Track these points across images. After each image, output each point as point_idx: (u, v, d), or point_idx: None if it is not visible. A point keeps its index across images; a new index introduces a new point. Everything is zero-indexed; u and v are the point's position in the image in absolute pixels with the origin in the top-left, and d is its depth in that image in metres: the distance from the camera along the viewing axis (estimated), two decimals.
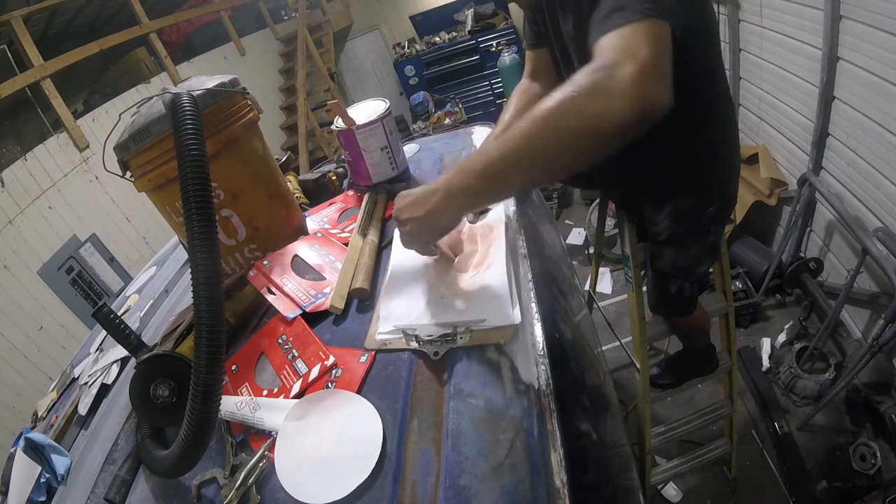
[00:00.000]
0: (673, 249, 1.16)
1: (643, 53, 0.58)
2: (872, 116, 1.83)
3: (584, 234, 3.74)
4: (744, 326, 2.60)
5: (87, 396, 0.95)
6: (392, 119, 1.18)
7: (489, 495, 0.52)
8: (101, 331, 1.21)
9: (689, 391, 1.94)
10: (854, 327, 2.25)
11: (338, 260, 0.95)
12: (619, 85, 0.57)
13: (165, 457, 0.64)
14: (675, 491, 2.03)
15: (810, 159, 2.27)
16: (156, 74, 4.62)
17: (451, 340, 0.69)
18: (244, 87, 0.99)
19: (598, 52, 0.62)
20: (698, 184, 1.04)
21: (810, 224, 2.48)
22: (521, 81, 1.15)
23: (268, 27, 6.48)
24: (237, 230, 0.99)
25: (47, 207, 3.39)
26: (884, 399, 1.88)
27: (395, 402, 0.65)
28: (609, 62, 0.59)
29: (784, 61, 2.38)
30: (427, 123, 5.90)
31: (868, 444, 1.80)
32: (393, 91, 7.15)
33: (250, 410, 0.70)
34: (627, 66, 0.58)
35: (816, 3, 1.96)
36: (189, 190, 0.68)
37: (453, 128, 1.57)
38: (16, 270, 3.13)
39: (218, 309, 0.64)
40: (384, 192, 1.16)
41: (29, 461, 0.79)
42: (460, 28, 6.58)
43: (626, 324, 1.57)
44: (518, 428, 0.57)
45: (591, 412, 0.82)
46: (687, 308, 1.36)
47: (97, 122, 3.85)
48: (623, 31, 0.61)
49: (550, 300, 0.86)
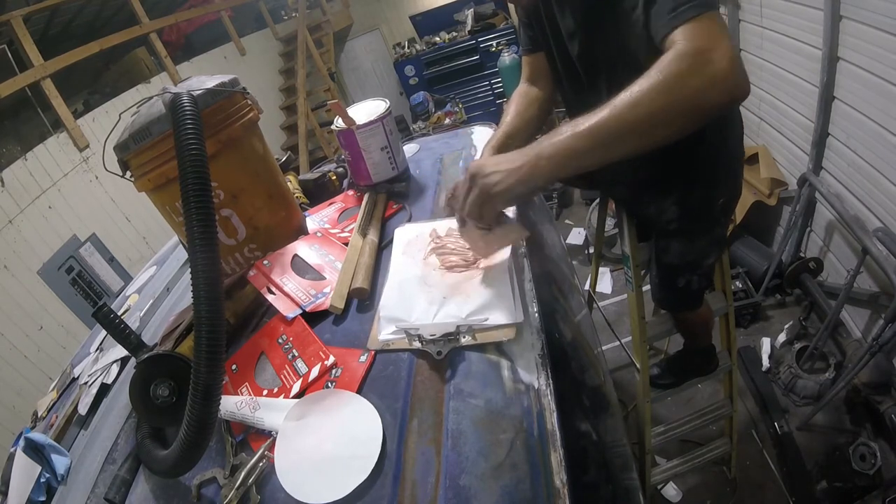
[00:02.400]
0: (681, 242, 1.17)
1: (727, 42, 0.65)
2: (872, 116, 1.83)
3: (584, 234, 3.74)
4: (744, 326, 2.60)
5: (87, 396, 0.95)
6: (392, 119, 1.18)
7: (489, 495, 0.52)
8: (101, 331, 1.21)
9: (689, 391, 1.94)
10: (854, 327, 2.25)
11: (338, 260, 0.95)
12: (720, 69, 0.63)
13: (165, 457, 0.64)
14: (675, 491, 2.03)
15: (810, 159, 2.27)
16: (156, 74, 4.62)
17: (454, 340, 0.69)
18: (244, 87, 0.99)
19: (680, 39, 0.66)
20: (709, 175, 1.05)
21: (810, 224, 2.48)
22: (519, 86, 1.16)
23: (268, 27, 6.48)
24: (237, 230, 0.99)
25: (47, 207, 3.39)
26: (884, 399, 1.88)
27: (395, 402, 0.65)
28: (701, 47, 0.64)
29: (784, 61, 2.38)
30: (427, 123, 5.90)
31: (868, 444, 1.80)
32: (393, 91, 7.15)
33: (250, 410, 0.70)
34: (721, 52, 0.63)
35: (816, 3, 1.96)
36: (189, 190, 0.68)
37: (453, 128, 1.58)
38: (16, 270, 3.13)
39: (218, 309, 0.64)
40: (384, 192, 1.16)
41: (29, 461, 0.79)
42: (460, 28, 6.58)
43: (626, 324, 1.57)
44: (518, 428, 0.57)
45: (591, 412, 0.82)
46: (695, 301, 1.36)
47: (97, 122, 3.86)
48: (700, 22, 0.66)
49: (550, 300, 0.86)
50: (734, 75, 0.64)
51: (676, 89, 0.64)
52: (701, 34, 0.65)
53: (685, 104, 0.65)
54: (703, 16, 0.66)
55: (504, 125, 1.09)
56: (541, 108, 1.11)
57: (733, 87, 0.65)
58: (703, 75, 0.63)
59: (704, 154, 1.02)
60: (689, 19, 0.66)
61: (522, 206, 1.00)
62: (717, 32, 0.66)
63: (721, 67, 0.63)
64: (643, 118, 0.65)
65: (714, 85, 0.64)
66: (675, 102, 0.65)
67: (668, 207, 1.11)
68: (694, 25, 0.66)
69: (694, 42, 0.65)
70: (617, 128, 0.66)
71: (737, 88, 0.65)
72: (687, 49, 0.65)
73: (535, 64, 1.12)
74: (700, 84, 0.64)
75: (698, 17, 0.66)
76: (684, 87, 0.64)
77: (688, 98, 0.64)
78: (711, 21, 0.66)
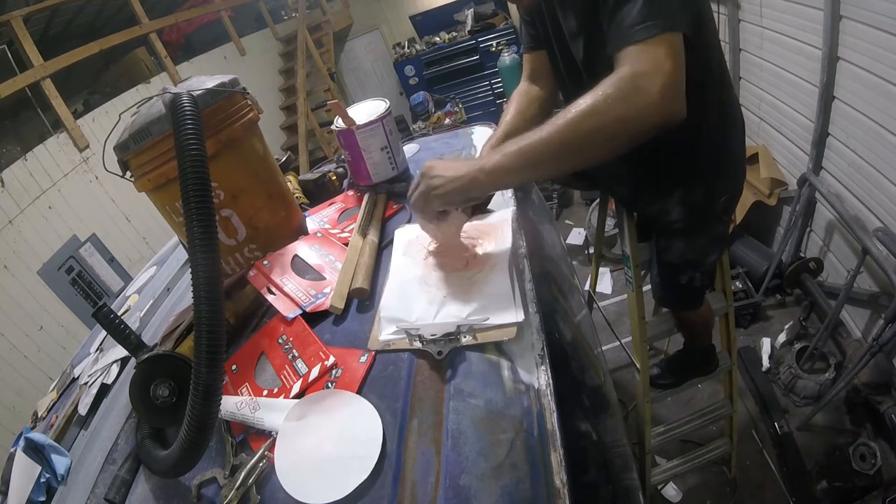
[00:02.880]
0: (683, 241, 1.17)
1: (667, 68, 0.66)
2: (872, 116, 1.83)
3: (584, 234, 3.73)
4: (744, 326, 2.60)
5: (87, 396, 0.95)
6: (392, 119, 1.18)
7: (489, 495, 0.52)
8: (101, 331, 1.21)
9: (689, 391, 1.94)
10: (854, 327, 2.25)
11: (338, 260, 0.95)
12: (647, 97, 0.65)
13: (165, 457, 0.64)
14: (675, 491, 2.03)
15: (810, 159, 2.27)
16: (156, 74, 4.61)
17: (454, 340, 0.69)
18: (244, 87, 0.99)
19: (625, 60, 0.68)
20: (709, 174, 1.05)
21: (810, 224, 2.48)
22: (520, 84, 1.16)
23: (268, 27, 6.48)
24: (237, 230, 0.99)
25: (47, 207, 3.39)
26: (884, 399, 1.88)
27: (395, 402, 0.65)
28: (638, 72, 0.66)
29: (784, 61, 2.38)
30: (427, 123, 5.90)
31: (868, 444, 1.79)
32: (393, 91, 7.15)
33: (250, 410, 0.70)
34: (655, 79, 0.65)
35: (816, 3, 1.96)
36: (189, 190, 0.68)
37: (453, 128, 1.58)
38: (16, 270, 3.13)
39: (218, 309, 0.64)
40: (384, 192, 1.16)
41: (29, 461, 0.78)
42: (460, 28, 6.57)
43: (626, 324, 1.57)
44: (518, 428, 0.57)
45: (591, 412, 0.82)
46: (696, 300, 1.37)
47: (97, 122, 3.85)
48: (647, 45, 0.67)
49: (550, 300, 0.86)
50: (662, 104, 0.65)
51: (603, 113, 0.66)
52: (643, 58, 0.67)
53: (610, 130, 0.67)
54: (655, 38, 0.67)
55: (504, 124, 1.08)
56: (541, 106, 1.11)
57: (660, 115, 0.66)
58: (630, 103, 0.65)
59: (705, 153, 1.02)
60: (640, 40, 0.67)
61: (521, 204, 1.00)
62: (662, 58, 0.66)
63: (650, 94, 0.65)
64: (570, 141, 0.68)
65: (640, 113, 0.66)
66: (600, 127, 0.67)
67: (670, 207, 1.11)
68: (641, 48, 0.67)
69: (633, 66, 0.67)
70: (544, 150, 0.70)
71: (664, 116, 0.66)
72: (623, 73, 0.67)
73: (537, 62, 1.12)
74: (625, 112, 0.66)
75: (649, 39, 0.67)
76: (609, 113, 0.66)
77: (612, 124, 0.67)
78: (661, 44, 0.67)
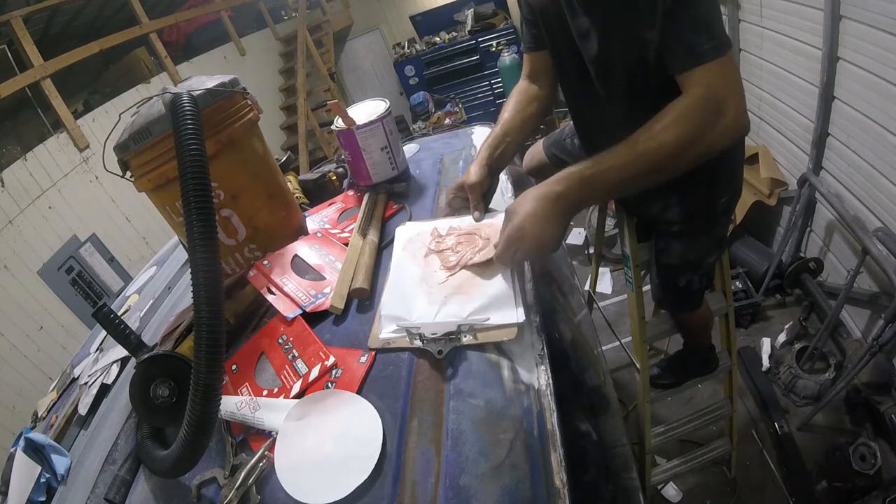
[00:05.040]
0: (682, 243, 1.17)
1: (739, 90, 0.73)
2: (872, 116, 1.83)
3: (584, 234, 3.73)
4: (744, 326, 2.60)
5: (87, 396, 0.95)
6: (392, 119, 1.18)
7: (489, 495, 0.52)
8: (101, 331, 1.21)
9: (689, 391, 1.94)
10: (854, 327, 2.25)
11: (338, 260, 0.95)
12: (730, 120, 0.72)
13: (165, 457, 0.64)
14: (675, 491, 2.03)
15: (810, 159, 2.27)
16: (156, 74, 4.61)
17: (454, 339, 0.69)
18: (244, 87, 0.99)
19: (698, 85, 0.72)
20: (710, 175, 1.05)
21: (810, 224, 2.48)
22: (519, 82, 1.15)
23: (268, 27, 6.47)
24: (237, 230, 0.99)
25: (47, 207, 3.39)
26: (884, 399, 1.88)
27: (395, 402, 0.65)
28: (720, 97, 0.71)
29: (784, 61, 2.38)
30: (427, 123, 5.90)
31: (868, 444, 1.79)
32: (393, 91, 7.15)
33: (250, 410, 0.70)
34: (732, 104, 0.71)
35: (816, 3, 1.96)
36: (189, 190, 0.68)
37: (453, 128, 1.58)
38: (16, 270, 3.13)
39: (218, 309, 0.64)
40: (384, 192, 1.16)
41: (29, 461, 0.78)
42: (460, 28, 6.57)
43: (626, 324, 1.57)
44: (518, 428, 0.57)
45: (591, 412, 0.82)
46: (695, 302, 1.36)
47: (97, 122, 3.85)
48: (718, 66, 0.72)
49: (550, 300, 0.86)
50: (741, 125, 0.73)
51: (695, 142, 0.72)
52: (718, 81, 0.71)
53: (698, 153, 0.73)
54: (719, 59, 0.71)
55: (502, 122, 1.08)
56: (540, 105, 1.11)
57: (738, 134, 0.75)
58: (716, 128, 0.71)
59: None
60: (708, 61, 0.71)
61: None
62: (732, 79, 0.72)
63: (731, 118, 0.71)
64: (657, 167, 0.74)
65: (724, 135, 0.72)
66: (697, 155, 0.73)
67: (669, 207, 1.10)
68: (712, 69, 0.71)
69: (711, 90, 0.71)
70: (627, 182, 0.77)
71: (741, 134, 0.76)
72: (705, 97, 0.71)
73: (537, 62, 1.11)
74: (713, 138, 0.72)
75: (716, 61, 0.71)
76: (702, 140, 0.72)
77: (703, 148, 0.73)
78: (727, 65, 0.72)
